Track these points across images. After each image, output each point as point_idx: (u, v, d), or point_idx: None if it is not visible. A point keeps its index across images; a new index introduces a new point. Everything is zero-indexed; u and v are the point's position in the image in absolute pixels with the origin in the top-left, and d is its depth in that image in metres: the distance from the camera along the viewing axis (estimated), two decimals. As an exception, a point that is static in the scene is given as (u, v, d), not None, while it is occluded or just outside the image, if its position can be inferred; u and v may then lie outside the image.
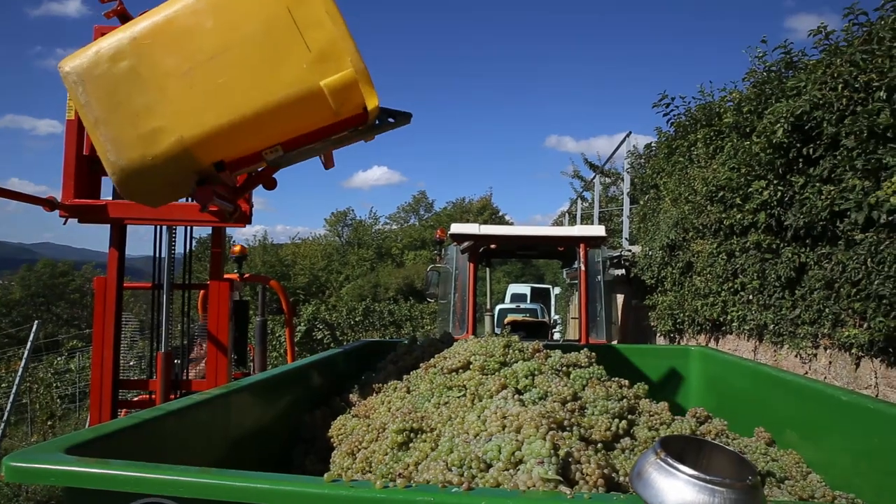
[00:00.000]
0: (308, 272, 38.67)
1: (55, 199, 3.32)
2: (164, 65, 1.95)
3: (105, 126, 1.95)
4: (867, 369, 4.14)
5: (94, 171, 3.51)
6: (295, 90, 1.97)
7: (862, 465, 1.91)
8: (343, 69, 1.96)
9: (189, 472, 1.17)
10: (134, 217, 3.47)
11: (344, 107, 2.01)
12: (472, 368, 2.05)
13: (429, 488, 1.12)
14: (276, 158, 2.12)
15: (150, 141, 1.94)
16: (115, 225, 3.48)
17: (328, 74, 1.96)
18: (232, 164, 2.12)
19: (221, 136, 1.98)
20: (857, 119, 3.96)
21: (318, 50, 1.96)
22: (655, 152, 9.66)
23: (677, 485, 0.85)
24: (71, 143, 3.38)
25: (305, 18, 1.95)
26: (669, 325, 7.73)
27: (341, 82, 1.97)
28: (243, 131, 2.00)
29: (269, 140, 2.09)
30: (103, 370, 3.47)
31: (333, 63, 1.97)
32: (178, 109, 1.95)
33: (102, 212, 3.40)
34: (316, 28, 1.96)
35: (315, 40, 1.96)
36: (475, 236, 5.71)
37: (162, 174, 1.99)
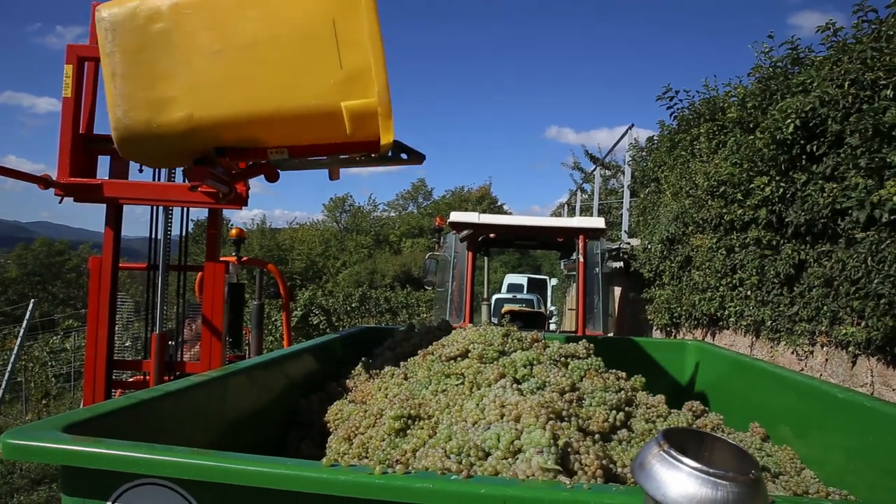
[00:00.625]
0: (305, 257, 38.67)
1: (50, 177, 3.30)
2: (197, 38, 1.93)
3: (122, 80, 1.92)
4: (863, 368, 4.15)
5: (90, 149, 3.49)
6: (315, 102, 1.94)
7: (856, 463, 1.91)
8: (367, 97, 1.93)
9: (188, 453, 1.17)
10: (129, 197, 3.45)
11: (358, 132, 1.97)
12: (471, 357, 2.05)
13: (428, 475, 1.12)
14: (279, 160, 2.10)
15: (160, 108, 1.91)
16: (110, 204, 3.46)
17: (351, 97, 1.93)
18: (233, 153, 2.09)
19: (231, 124, 1.95)
20: (863, 117, 3.94)
21: (349, 70, 1.93)
22: (657, 145, 9.64)
23: (680, 477, 0.84)
24: (67, 121, 3.35)
25: (347, 35, 1.92)
26: (666, 319, 7.75)
27: (362, 109, 1.94)
28: (254, 126, 1.98)
29: (276, 140, 2.07)
30: (97, 350, 3.46)
31: (360, 87, 1.93)
32: (196, 86, 1.92)
33: (98, 191, 3.37)
34: (354, 48, 1.93)
35: (349, 60, 1.93)
36: (474, 225, 5.70)
37: (162, 143, 1.97)
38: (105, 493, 1.19)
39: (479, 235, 6.01)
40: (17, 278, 36.39)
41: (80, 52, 3.38)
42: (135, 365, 4.03)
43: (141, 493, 1.19)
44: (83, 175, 3.43)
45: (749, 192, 5.47)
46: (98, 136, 3.52)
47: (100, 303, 3.46)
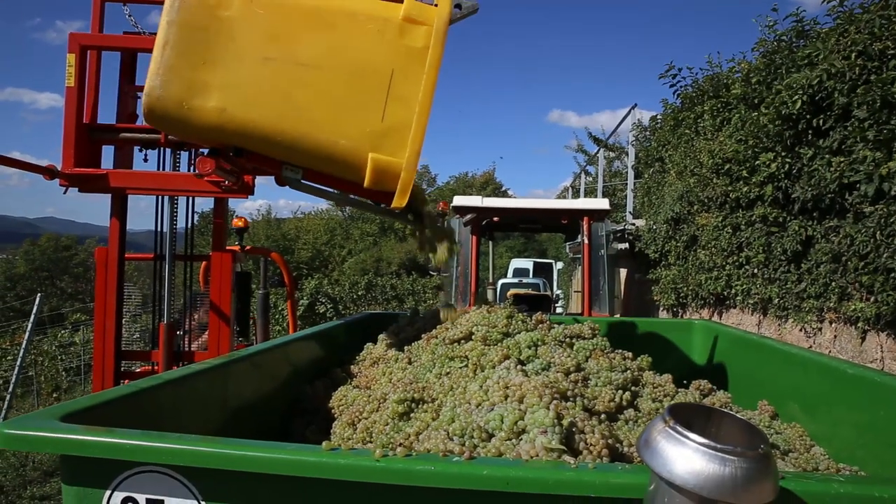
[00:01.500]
0: (311, 247, 38.68)
1: (55, 167, 3.29)
2: (256, 39, 1.90)
3: (171, 52, 1.89)
4: (873, 343, 4.12)
5: (94, 139, 3.47)
6: (345, 143, 1.92)
7: (866, 438, 1.89)
8: (397, 156, 1.92)
9: (187, 440, 1.15)
10: (135, 186, 3.44)
11: (376, 185, 1.96)
12: (475, 339, 2.03)
13: (429, 457, 1.10)
14: (292, 179, 2.08)
15: (195, 92, 1.89)
16: (115, 195, 3.45)
17: (381, 151, 1.92)
18: (250, 156, 2.08)
19: (258, 133, 1.93)
20: (871, 89, 3.88)
21: (389, 124, 1.92)
22: (661, 125, 9.55)
23: (686, 453, 0.81)
24: (71, 111, 3.33)
25: (399, 90, 1.91)
26: (673, 300, 7.71)
27: (387, 167, 1.93)
28: (278, 144, 1.96)
29: (296, 161, 2.05)
30: (105, 340, 3.47)
31: (392, 144, 1.92)
32: (239, 85, 1.90)
33: (103, 181, 3.36)
34: (401, 104, 1.92)
35: (393, 114, 1.92)
36: (478, 209, 5.68)
37: (186, 126, 1.96)
38: (104, 482, 1.18)
39: (483, 219, 5.99)
40: (25, 274, 36.60)
41: (83, 41, 3.36)
42: (143, 356, 4.04)
43: (141, 481, 1.17)
44: (88, 165, 3.42)
45: (754, 168, 5.41)
46: (102, 126, 3.50)
47: (107, 292, 3.46)
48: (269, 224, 40.74)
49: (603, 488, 1.01)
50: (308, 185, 2.11)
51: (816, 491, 0.98)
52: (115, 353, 3.49)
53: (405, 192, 1.95)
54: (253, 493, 1.14)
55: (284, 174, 2.06)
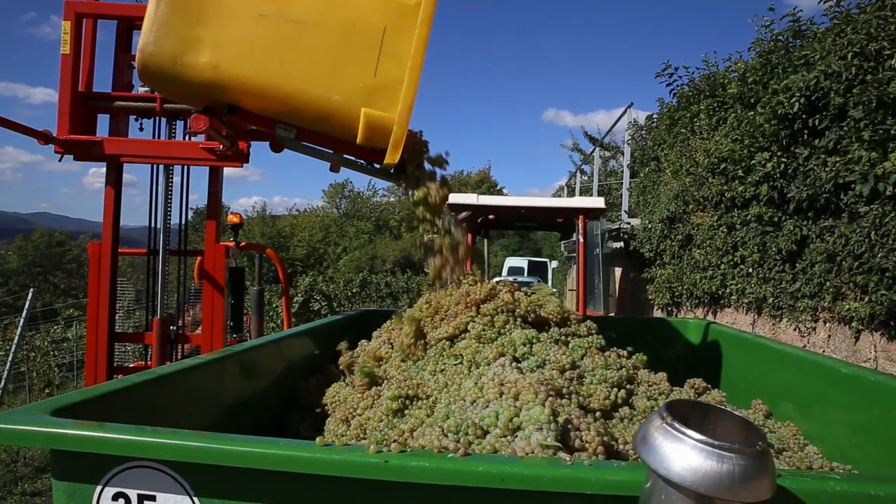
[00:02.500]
0: (306, 244, 38.64)
1: (50, 132, 3.26)
2: None
3: (165, 9, 1.89)
4: (867, 343, 4.12)
5: (89, 107, 3.44)
6: (338, 99, 1.94)
7: (859, 438, 1.90)
8: (389, 111, 1.94)
9: (179, 435, 1.14)
10: (130, 154, 3.42)
11: (368, 141, 1.97)
12: (469, 337, 2.01)
13: (424, 454, 1.09)
14: (285, 137, 2.09)
15: (189, 48, 1.89)
16: (110, 163, 3.43)
17: (373, 106, 1.93)
18: (244, 114, 2.08)
19: (252, 89, 1.94)
20: (866, 89, 3.88)
21: (382, 80, 1.93)
22: (657, 124, 9.56)
23: (684, 450, 0.81)
24: (66, 79, 3.32)
25: (392, 46, 1.93)
26: (667, 299, 7.72)
27: (379, 122, 1.94)
28: (272, 99, 1.97)
29: (289, 119, 2.06)
30: (98, 334, 3.45)
31: (385, 100, 1.94)
32: (233, 41, 1.91)
33: (98, 148, 3.35)
34: (393, 61, 1.93)
35: (385, 70, 1.93)
36: (473, 206, 5.67)
37: (180, 82, 1.95)
38: (95, 477, 1.16)
39: (478, 217, 5.98)
40: (18, 269, 36.44)
41: (79, 9, 3.35)
42: (137, 338, 4.02)
43: (132, 477, 1.16)
44: (83, 133, 3.40)
45: (750, 168, 5.41)
46: (98, 94, 3.49)
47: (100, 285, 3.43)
48: (264, 221, 40.69)
49: (599, 485, 1.00)
50: (301, 144, 2.12)
51: (813, 489, 0.98)
52: (108, 348, 3.47)
53: (397, 147, 1.95)
54: (246, 489, 1.13)
55: (277, 133, 2.07)
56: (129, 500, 1.16)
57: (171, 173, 3.80)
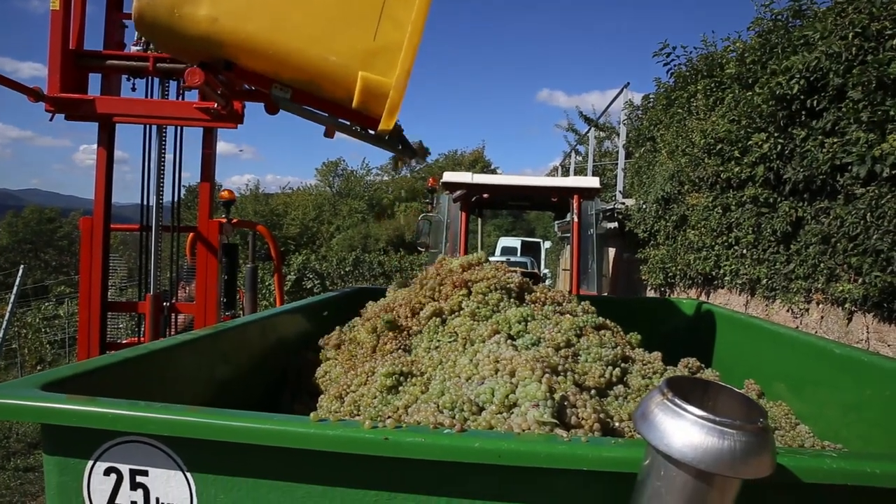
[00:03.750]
0: (299, 222, 38.52)
1: (40, 89, 3.21)
2: None
3: None
4: (859, 324, 4.14)
5: (80, 66, 3.39)
6: (336, 60, 1.92)
7: (850, 417, 1.91)
8: (386, 76, 1.91)
9: (171, 409, 1.12)
10: (123, 113, 3.37)
11: (363, 105, 1.96)
12: (463, 314, 2.00)
13: (419, 429, 1.08)
14: (280, 97, 2.07)
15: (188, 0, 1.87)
16: (103, 122, 3.38)
17: (371, 70, 1.91)
18: (241, 71, 2.06)
19: (249, 45, 1.92)
20: (866, 69, 3.85)
21: (381, 44, 1.91)
22: (653, 104, 9.51)
23: (684, 426, 0.80)
24: (56, 36, 3.26)
25: (393, 10, 1.90)
26: (661, 279, 7.73)
27: (376, 86, 1.92)
28: (270, 56, 1.94)
29: (285, 78, 2.03)
30: (91, 309, 3.42)
31: (383, 64, 1.91)
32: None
33: (90, 107, 3.29)
34: (394, 25, 1.91)
35: (385, 34, 1.91)
36: (468, 185, 5.64)
37: (177, 35, 1.93)
38: (87, 452, 1.15)
39: (473, 195, 5.95)
40: (8, 246, 36.21)
41: None
42: (130, 307, 3.99)
43: (124, 451, 1.14)
44: (74, 92, 3.34)
45: (746, 149, 5.39)
46: (89, 53, 3.43)
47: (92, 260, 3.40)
48: (257, 199, 40.50)
49: (596, 462, 1.00)
50: (296, 106, 2.10)
51: (809, 466, 0.98)
52: (101, 322, 3.45)
53: (393, 113, 1.94)
54: (239, 465, 1.12)
55: (273, 93, 2.05)
56: (120, 475, 1.15)
57: (163, 140, 3.74)
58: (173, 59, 3.35)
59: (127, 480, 1.15)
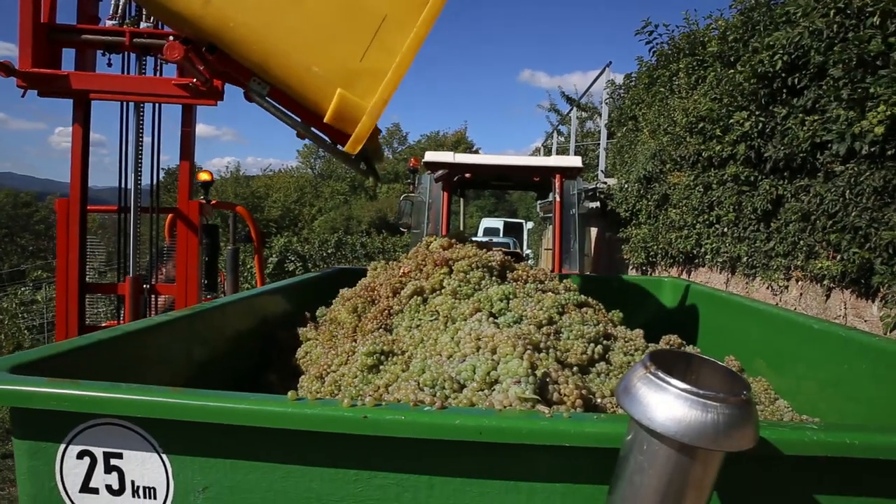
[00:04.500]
0: (281, 205, 38.24)
1: (11, 64, 3.11)
2: None
3: None
4: (837, 300, 4.19)
5: (53, 41, 3.28)
6: (317, 71, 1.89)
7: (828, 391, 1.94)
8: (364, 99, 1.89)
9: (145, 390, 1.09)
10: (99, 90, 3.27)
11: (336, 122, 1.94)
12: (444, 293, 1.99)
13: (399, 407, 1.06)
14: (257, 92, 2.04)
15: None
16: (78, 99, 3.29)
17: (350, 90, 1.89)
18: (222, 57, 2.03)
19: (237, 36, 1.90)
20: (847, 47, 3.85)
21: (366, 66, 1.89)
22: (635, 83, 9.50)
23: (668, 400, 0.79)
24: (27, 8, 3.15)
25: (387, 36, 1.88)
26: (642, 258, 7.78)
27: (351, 108, 1.90)
28: (254, 51, 1.92)
29: (265, 75, 2.00)
30: (69, 292, 3.35)
31: (363, 87, 1.90)
32: None
33: (63, 82, 3.19)
34: (384, 51, 1.88)
35: (373, 58, 1.89)
36: (450, 164, 5.60)
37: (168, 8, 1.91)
38: (59, 436, 1.12)
39: (455, 175, 5.91)
40: (-17, 231, 35.54)
41: None
42: (109, 288, 3.92)
43: (98, 434, 1.12)
44: (47, 68, 3.24)
45: (728, 127, 5.41)
46: (62, 27, 3.32)
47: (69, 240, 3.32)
48: (237, 181, 40.10)
49: (578, 437, 0.99)
50: (271, 104, 2.08)
51: (790, 439, 0.98)
52: (79, 304, 3.38)
53: (360, 139, 1.93)
54: (216, 446, 1.09)
55: (251, 85, 2.03)
56: (94, 458, 1.12)
57: (141, 118, 3.64)
58: (150, 34, 3.26)
59: (101, 463, 1.12)
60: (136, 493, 1.12)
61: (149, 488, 1.12)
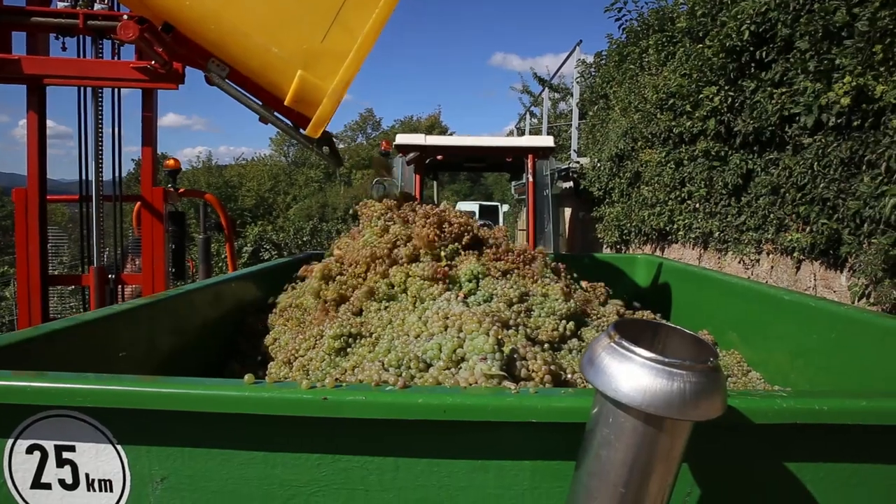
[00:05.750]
0: (255, 193, 37.80)
1: None
2: None
3: None
4: (807, 272, 4.24)
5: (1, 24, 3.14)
6: (277, 52, 1.86)
7: (798, 362, 1.96)
8: (324, 81, 1.85)
9: (94, 379, 1.04)
10: (53, 74, 3.14)
11: (296, 104, 1.91)
12: (413, 274, 1.95)
13: (360, 387, 1.02)
14: (216, 73, 1.99)
15: None
16: (31, 85, 3.16)
17: (311, 71, 1.85)
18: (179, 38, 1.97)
19: (194, 15, 1.84)
20: (813, 19, 3.86)
21: (327, 48, 1.85)
22: (606, 61, 9.49)
23: (632, 369, 0.76)
24: None
25: (347, 17, 1.84)
26: (616, 237, 7.81)
27: (311, 90, 1.86)
28: (212, 32, 1.87)
29: (224, 56, 1.95)
30: (30, 282, 3.26)
31: (324, 69, 1.86)
32: None
33: (15, 66, 3.05)
34: (345, 32, 1.84)
35: (334, 39, 1.84)
36: (421, 147, 5.54)
37: None
38: (5, 430, 1.07)
39: (427, 158, 5.86)
40: (-53, 227, 34.60)
41: None
42: (72, 280, 3.81)
43: (47, 427, 1.07)
44: None
45: (698, 103, 5.42)
46: (10, 8, 3.18)
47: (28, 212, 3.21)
48: (209, 171, 39.51)
49: (545, 413, 0.97)
50: (232, 86, 2.03)
51: (760, 407, 0.98)
52: (42, 294, 3.29)
53: (321, 122, 1.90)
54: (172, 434, 1.05)
55: (210, 67, 1.98)
56: (45, 452, 1.07)
57: (100, 104, 3.53)
58: (105, 16, 3.14)
59: (52, 457, 1.07)
60: (92, 486, 1.08)
61: (104, 481, 1.08)
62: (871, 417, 0.98)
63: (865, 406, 0.99)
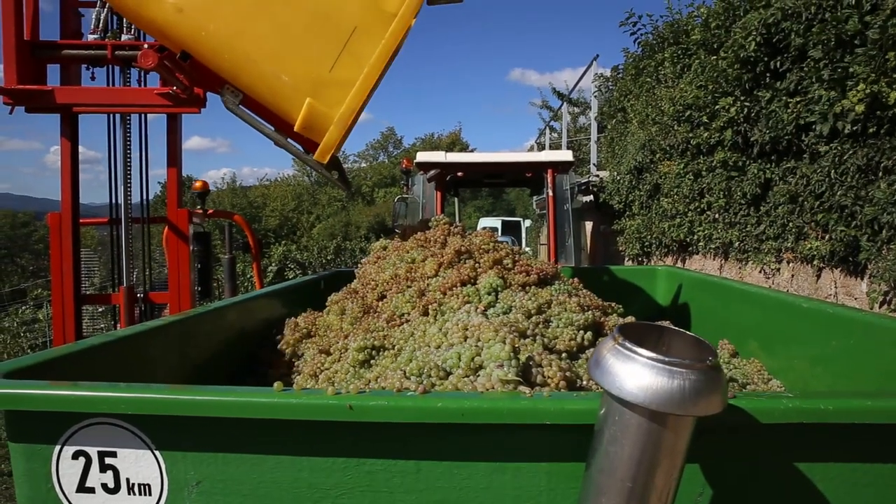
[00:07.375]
0: (278, 214, 38.22)
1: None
2: None
3: None
4: (827, 280, 4.22)
5: (37, 57, 3.32)
6: (286, 80, 1.90)
7: (818, 369, 1.96)
8: (331, 109, 1.89)
9: (135, 388, 1.12)
10: (84, 103, 3.31)
11: (305, 131, 1.95)
12: (432, 288, 2.01)
13: (382, 393, 1.08)
14: (230, 100, 2.06)
15: None
16: (64, 113, 3.33)
17: (319, 100, 1.89)
18: (195, 66, 2.04)
19: (207, 44, 1.91)
20: (825, 27, 3.88)
21: (335, 77, 1.89)
22: (623, 74, 9.53)
23: (635, 369, 0.81)
24: (9, 25, 3.19)
25: (357, 46, 1.88)
26: (637, 249, 7.80)
27: (320, 117, 1.90)
28: (224, 60, 1.93)
29: (238, 82, 2.01)
30: (64, 304, 3.38)
31: (332, 97, 1.90)
32: None
33: (49, 97, 3.24)
34: (353, 61, 1.88)
35: (342, 68, 1.88)
36: (441, 164, 5.62)
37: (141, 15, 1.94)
38: (53, 437, 1.14)
39: (447, 175, 5.93)
40: (-18, 252, 35.46)
41: None
42: (104, 299, 3.95)
43: (91, 434, 1.14)
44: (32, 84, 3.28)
45: (714, 114, 5.44)
46: (45, 43, 3.36)
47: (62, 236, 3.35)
48: (234, 192, 40.07)
49: (558, 415, 1.01)
50: (245, 112, 2.10)
51: (767, 407, 1.00)
52: (76, 313, 3.42)
53: (328, 149, 1.94)
54: (206, 440, 1.12)
55: (224, 93, 2.04)
56: (89, 457, 1.14)
57: (128, 130, 3.68)
58: (132, 46, 3.29)
59: (96, 463, 1.14)
60: (132, 490, 1.14)
61: (144, 485, 1.14)
62: (878, 417, 1.00)
63: (871, 406, 1.01)
